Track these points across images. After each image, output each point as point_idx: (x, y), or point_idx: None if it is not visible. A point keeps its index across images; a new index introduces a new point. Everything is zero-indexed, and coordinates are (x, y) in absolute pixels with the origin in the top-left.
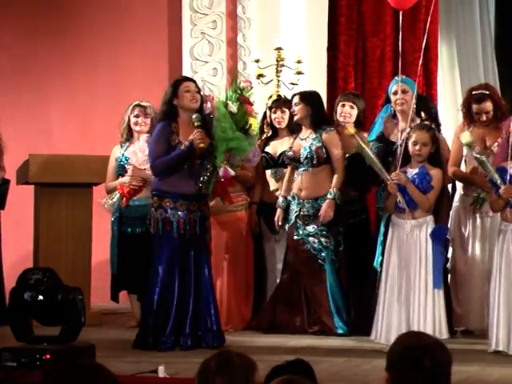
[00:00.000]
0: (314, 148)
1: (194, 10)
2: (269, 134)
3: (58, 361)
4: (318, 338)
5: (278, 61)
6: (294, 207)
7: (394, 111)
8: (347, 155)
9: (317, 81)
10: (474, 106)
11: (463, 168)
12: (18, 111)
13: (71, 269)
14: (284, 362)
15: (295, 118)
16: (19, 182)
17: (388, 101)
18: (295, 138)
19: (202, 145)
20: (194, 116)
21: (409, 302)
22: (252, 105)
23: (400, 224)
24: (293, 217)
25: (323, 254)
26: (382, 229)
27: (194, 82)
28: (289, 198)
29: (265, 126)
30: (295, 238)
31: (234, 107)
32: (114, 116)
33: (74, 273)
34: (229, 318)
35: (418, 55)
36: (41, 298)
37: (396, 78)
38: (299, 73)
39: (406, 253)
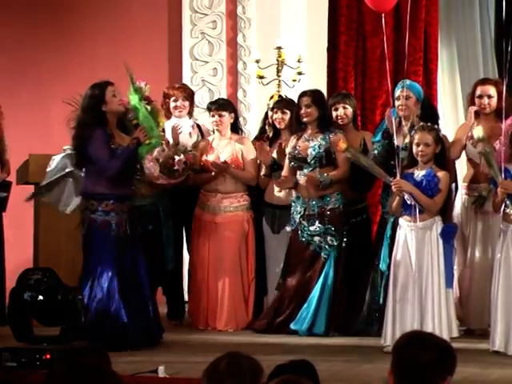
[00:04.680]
0: (323, 148)
1: (194, 10)
2: (270, 134)
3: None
4: (318, 338)
5: (278, 60)
6: (298, 208)
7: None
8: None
9: (317, 81)
10: (478, 89)
11: (464, 167)
12: (18, 111)
13: (71, 269)
14: (288, 361)
15: (305, 119)
16: (19, 181)
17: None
18: (298, 138)
19: (148, 141)
20: (130, 115)
21: (421, 303)
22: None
23: (408, 226)
24: (297, 218)
25: (328, 252)
26: (389, 232)
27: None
28: (291, 198)
29: (266, 127)
30: (301, 239)
31: (148, 107)
32: None
33: (73, 273)
34: (229, 318)
35: (418, 55)
36: (41, 298)
37: (400, 82)
38: (300, 73)
39: (418, 255)
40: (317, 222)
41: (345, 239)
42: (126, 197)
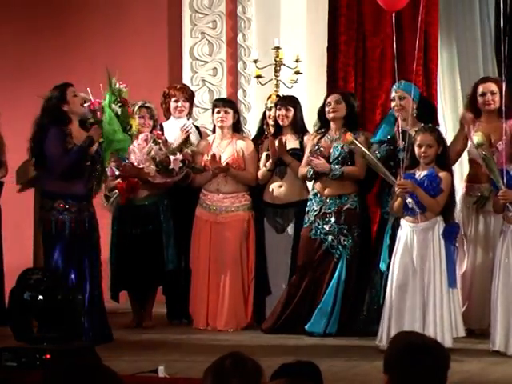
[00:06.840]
0: (347, 149)
1: (194, 9)
2: (271, 132)
3: (58, 361)
4: (318, 338)
5: (276, 60)
6: (315, 206)
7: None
8: None
9: (317, 81)
10: (480, 87)
11: (465, 166)
12: (17, 111)
13: None
14: (294, 361)
15: (332, 114)
16: (19, 182)
17: None
18: (321, 137)
19: (101, 139)
20: (85, 114)
21: (423, 304)
22: (129, 106)
23: (410, 227)
24: (312, 216)
25: (339, 252)
26: (389, 232)
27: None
28: (309, 196)
29: (265, 127)
30: (312, 237)
31: (117, 109)
32: None
33: None
34: (230, 317)
35: (418, 55)
36: (41, 298)
37: (395, 84)
38: (297, 72)
39: (420, 255)
40: (332, 220)
41: (358, 241)
42: (81, 196)
